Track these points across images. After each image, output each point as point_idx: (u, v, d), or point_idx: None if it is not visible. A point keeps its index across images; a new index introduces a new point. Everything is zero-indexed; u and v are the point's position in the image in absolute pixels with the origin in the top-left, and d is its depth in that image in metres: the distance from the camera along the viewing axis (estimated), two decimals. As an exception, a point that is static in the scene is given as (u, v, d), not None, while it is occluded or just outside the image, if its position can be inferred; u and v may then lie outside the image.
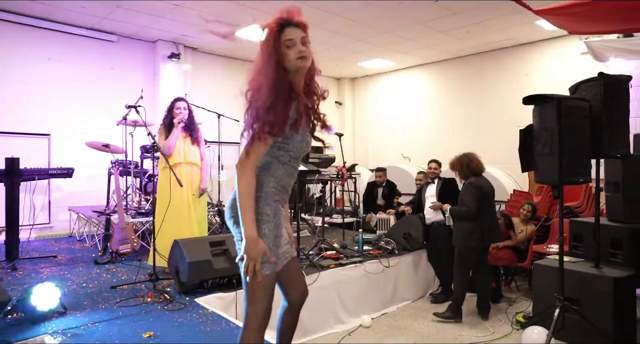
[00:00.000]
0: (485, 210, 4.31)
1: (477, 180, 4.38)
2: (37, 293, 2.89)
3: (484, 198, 4.30)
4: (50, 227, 6.69)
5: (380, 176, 6.52)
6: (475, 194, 4.27)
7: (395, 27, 6.99)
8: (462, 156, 4.48)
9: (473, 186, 4.32)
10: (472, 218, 4.29)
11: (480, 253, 4.42)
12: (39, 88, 6.74)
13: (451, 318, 4.41)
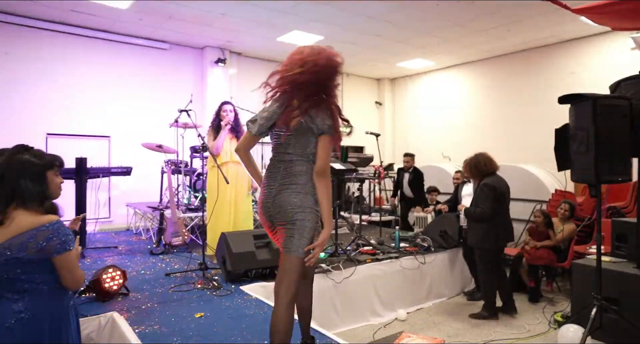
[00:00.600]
0: (500, 210, 4.30)
1: (492, 180, 4.34)
2: (106, 276, 3.29)
3: (499, 198, 4.29)
4: (110, 221, 7.29)
5: (407, 161, 6.63)
6: (490, 195, 4.25)
7: (434, 28, 7.05)
8: (471, 158, 4.48)
9: (487, 187, 4.29)
10: (486, 219, 4.29)
11: (495, 253, 4.44)
12: (100, 94, 7.37)
13: (487, 318, 4.46)
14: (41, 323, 1.72)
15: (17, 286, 1.69)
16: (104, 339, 2.87)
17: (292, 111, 2.08)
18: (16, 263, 1.67)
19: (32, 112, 6.78)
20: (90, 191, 5.40)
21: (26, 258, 1.67)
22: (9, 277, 1.68)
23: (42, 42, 6.87)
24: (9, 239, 1.67)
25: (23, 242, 1.67)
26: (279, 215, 2.04)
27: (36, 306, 1.72)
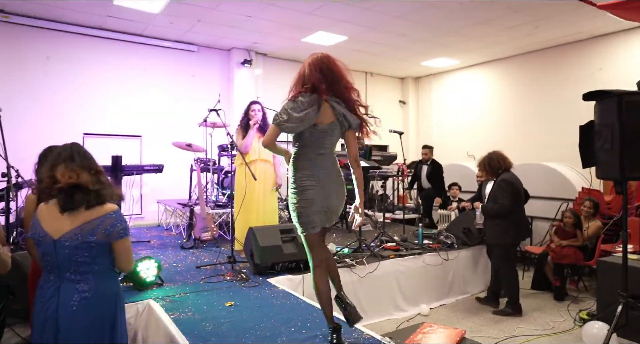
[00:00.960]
0: (517, 206, 4.34)
1: (509, 176, 4.39)
2: (142, 267, 3.49)
3: (516, 194, 4.33)
4: (141, 217, 7.59)
5: (425, 153, 6.64)
6: (508, 190, 4.29)
7: (459, 26, 7.05)
8: (484, 156, 4.54)
9: (506, 182, 4.33)
10: (505, 215, 4.32)
11: (514, 249, 4.50)
12: (132, 95, 7.69)
13: (510, 314, 4.49)
14: (101, 301, 1.93)
15: (82, 268, 1.89)
16: (141, 323, 3.07)
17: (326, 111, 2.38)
18: (86, 247, 1.88)
19: (70, 113, 7.14)
20: (124, 188, 5.67)
21: (94, 242, 1.88)
22: (77, 260, 1.88)
23: (80, 47, 7.23)
24: (80, 225, 1.87)
25: (93, 228, 1.88)
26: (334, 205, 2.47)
27: (97, 286, 1.92)
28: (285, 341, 2.48)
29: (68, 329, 1.85)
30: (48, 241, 1.88)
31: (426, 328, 2.71)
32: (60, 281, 1.89)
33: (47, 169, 1.92)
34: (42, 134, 6.38)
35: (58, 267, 1.89)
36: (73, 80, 7.20)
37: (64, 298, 1.87)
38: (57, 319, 1.85)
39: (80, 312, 1.86)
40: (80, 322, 1.86)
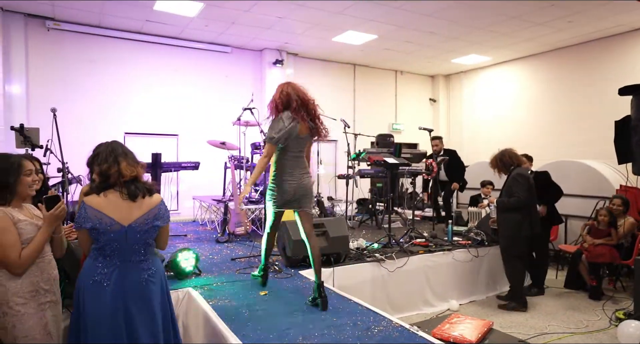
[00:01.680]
0: (532, 200, 4.41)
1: (524, 171, 4.45)
2: (181, 257, 3.70)
3: (531, 188, 4.38)
4: (178, 213, 7.91)
5: (436, 144, 6.43)
6: (525, 184, 4.36)
7: (489, 23, 6.98)
8: (495, 154, 4.61)
9: (521, 176, 4.38)
10: (519, 208, 4.37)
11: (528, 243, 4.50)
12: (170, 96, 8.02)
13: (515, 309, 4.52)
14: (158, 277, 2.20)
15: (146, 250, 2.16)
16: (182, 309, 3.26)
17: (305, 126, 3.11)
18: (154, 230, 2.17)
19: (112, 113, 7.54)
20: (162, 185, 5.95)
21: (158, 225, 2.16)
22: (147, 242, 2.15)
23: (121, 50, 7.62)
24: (149, 211, 2.14)
25: (157, 213, 2.17)
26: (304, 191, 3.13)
27: (155, 264, 2.20)
28: (317, 327, 2.60)
29: (139, 301, 2.09)
30: (117, 229, 2.07)
31: (454, 318, 2.77)
32: (125, 264, 2.10)
33: (110, 164, 2.12)
34: (88, 133, 6.78)
35: (125, 252, 2.09)
36: (115, 82, 7.60)
37: (131, 277, 2.09)
38: (125, 295, 2.06)
39: (148, 286, 2.13)
40: (149, 294, 2.12)
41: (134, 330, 2.06)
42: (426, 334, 2.43)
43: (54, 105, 4.31)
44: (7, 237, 1.98)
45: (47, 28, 7.04)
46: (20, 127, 4.12)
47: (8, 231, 1.99)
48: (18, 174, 2.09)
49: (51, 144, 4.16)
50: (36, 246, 2.05)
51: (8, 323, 1.99)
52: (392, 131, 10.24)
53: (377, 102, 10.30)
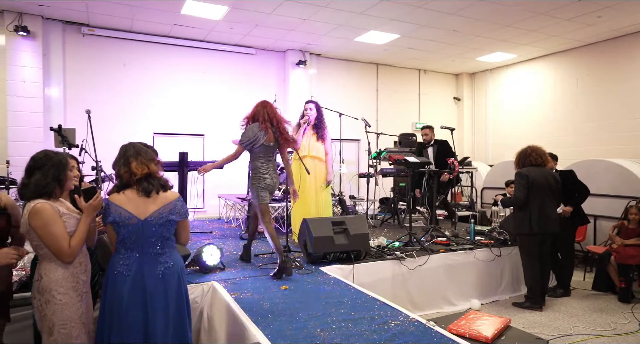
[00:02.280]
0: (533, 198, 4.41)
1: (526, 170, 4.49)
2: (206, 252, 3.84)
3: (531, 187, 4.40)
4: (204, 211, 8.13)
5: (426, 133, 6.25)
6: (521, 183, 4.43)
7: (514, 20, 6.88)
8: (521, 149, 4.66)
9: (519, 175, 4.49)
10: (521, 206, 4.44)
11: (539, 242, 4.47)
12: (196, 97, 8.26)
13: (529, 308, 4.49)
14: (178, 269, 2.32)
15: (164, 243, 2.29)
16: (206, 302, 3.40)
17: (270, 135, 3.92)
18: (170, 224, 2.29)
19: (142, 114, 7.83)
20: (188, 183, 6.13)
21: (173, 219, 2.29)
22: (163, 236, 2.27)
23: (150, 53, 7.90)
24: (162, 206, 2.26)
25: (172, 208, 2.29)
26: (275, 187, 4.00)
27: (173, 257, 2.32)
28: (335, 320, 2.67)
29: (155, 293, 2.22)
30: (135, 222, 2.22)
31: (471, 315, 2.79)
32: (143, 256, 2.24)
33: (121, 166, 2.30)
34: (119, 133, 7.06)
35: (142, 245, 2.23)
36: (144, 84, 7.89)
37: (149, 270, 2.23)
38: (144, 287, 2.20)
39: (165, 279, 2.25)
40: (165, 286, 2.25)
41: (149, 319, 2.20)
42: (442, 329, 2.47)
43: (89, 106, 4.54)
44: (58, 228, 2.12)
45: (82, 34, 7.39)
46: (59, 128, 4.37)
47: (58, 222, 2.13)
48: (65, 169, 2.27)
49: (86, 143, 4.39)
50: (81, 235, 2.21)
51: (49, 311, 2.13)
52: (415, 130, 10.19)
53: (400, 101, 10.28)
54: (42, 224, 2.09)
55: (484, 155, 10.30)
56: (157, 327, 2.21)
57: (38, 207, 2.10)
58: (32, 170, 2.20)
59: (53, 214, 2.13)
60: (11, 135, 6.82)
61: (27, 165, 2.24)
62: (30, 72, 6.92)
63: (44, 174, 2.18)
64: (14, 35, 6.75)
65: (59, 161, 2.25)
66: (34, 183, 2.15)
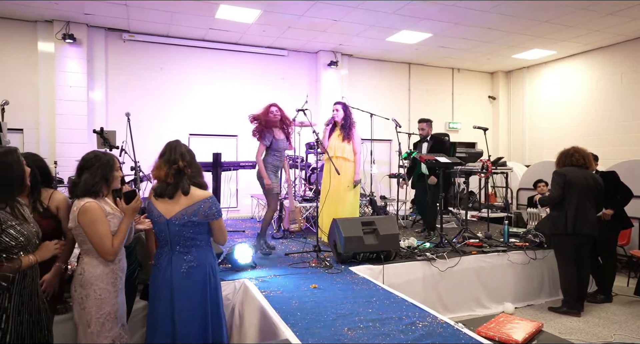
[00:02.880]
0: (570, 198, 4.29)
1: (564, 169, 4.40)
2: (238, 251, 3.95)
3: (568, 186, 4.29)
4: (237, 210, 8.32)
5: (422, 127, 5.84)
6: (557, 181, 4.34)
7: (553, 15, 6.65)
8: (564, 151, 4.57)
9: (556, 174, 4.40)
10: (557, 206, 4.35)
11: (575, 244, 4.34)
12: (229, 99, 8.45)
13: (566, 313, 4.36)
14: (204, 268, 2.39)
15: (188, 243, 2.36)
16: (238, 299, 3.50)
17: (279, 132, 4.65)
18: (191, 225, 2.34)
19: (178, 116, 8.10)
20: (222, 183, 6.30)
21: (196, 221, 2.34)
22: (184, 235, 2.34)
23: (187, 57, 8.17)
24: (186, 207, 2.33)
25: (195, 210, 2.34)
26: None
27: (200, 257, 2.39)
28: (362, 320, 2.70)
29: (180, 290, 2.32)
30: (163, 221, 2.35)
31: (501, 318, 2.74)
32: (172, 253, 2.36)
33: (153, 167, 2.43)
34: (157, 135, 7.33)
35: (170, 242, 2.36)
36: (181, 87, 8.16)
37: (175, 266, 2.34)
38: (172, 283, 2.32)
39: (188, 277, 2.33)
40: (188, 284, 2.33)
41: (174, 311, 2.31)
42: (470, 332, 2.45)
43: (128, 109, 4.75)
44: (103, 228, 2.25)
45: (123, 40, 7.73)
46: (100, 130, 4.60)
47: (103, 222, 2.26)
48: (113, 169, 2.40)
49: (125, 144, 4.61)
50: (122, 234, 2.33)
51: (88, 304, 2.27)
52: (448, 129, 10.03)
53: (433, 101, 10.13)
54: (89, 222, 2.22)
55: (520, 155, 10.00)
56: (181, 320, 2.30)
57: (87, 206, 2.23)
58: (82, 170, 2.35)
59: (100, 213, 2.25)
60: (59, 137, 7.22)
61: (78, 165, 2.39)
62: (76, 77, 7.31)
63: (92, 174, 2.31)
64: (62, 43, 7.15)
65: (107, 161, 2.38)
66: (84, 182, 2.29)
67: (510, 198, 7.48)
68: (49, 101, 7.27)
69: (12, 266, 1.95)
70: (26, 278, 2.03)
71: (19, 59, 7.19)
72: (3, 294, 1.94)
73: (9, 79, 7.07)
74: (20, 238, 1.98)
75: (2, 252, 1.94)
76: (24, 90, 7.16)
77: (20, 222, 2.01)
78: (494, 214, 6.77)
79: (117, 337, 2.37)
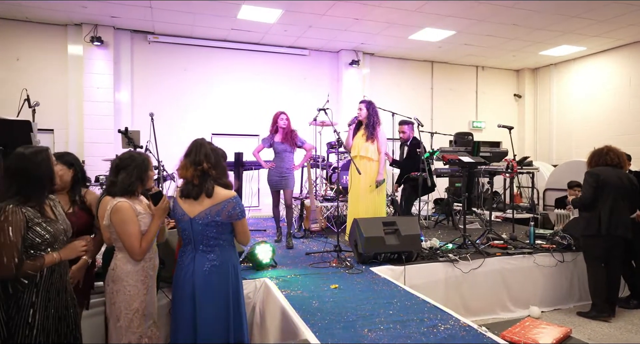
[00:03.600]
0: (603, 199, 4.14)
1: (597, 169, 4.23)
2: (259, 250, 3.97)
3: (602, 187, 4.14)
4: (259, 209, 8.37)
5: (402, 130, 5.69)
6: (590, 181, 4.18)
7: (583, 10, 6.44)
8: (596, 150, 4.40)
9: (589, 174, 4.24)
10: (589, 207, 4.19)
11: (607, 246, 4.18)
12: (250, 98, 8.52)
13: (595, 318, 4.20)
14: (227, 268, 2.40)
15: (211, 242, 2.37)
16: (258, 297, 3.51)
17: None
18: (214, 225, 2.35)
19: (201, 116, 8.22)
20: (244, 182, 6.36)
21: (219, 221, 2.34)
22: (207, 235, 2.36)
23: (209, 58, 8.28)
24: (210, 207, 2.34)
25: (219, 210, 2.34)
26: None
27: (222, 256, 2.40)
28: (383, 321, 2.66)
29: (202, 288, 2.33)
30: (186, 220, 2.37)
31: (527, 322, 2.66)
32: (195, 251, 2.38)
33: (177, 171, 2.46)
34: (180, 134, 7.46)
35: (193, 240, 2.38)
36: (203, 87, 8.27)
37: (198, 264, 2.35)
38: (194, 281, 2.34)
39: (210, 276, 2.34)
40: (210, 283, 2.34)
41: (195, 309, 2.32)
42: (495, 336, 2.38)
43: (152, 109, 4.84)
44: (133, 228, 2.30)
45: (148, 41, 7.89)
46: (125, 130, 4.70)
47: (134, 222, 2.31)
48: (147, 169, 2.46)
49: (149, 144, 4.69)
50: (152, 235, 2.38)
51: (118, 299, 2.32)
52: (472, 128, 9.85)
53: (457, 99, 9.97)
54: (120, 221, 2.28)
55: (547, 154, 9.73)
56: (203, 323, 2.32)
57: (118, 206, 2.29)
58: (117, 170, 2.41)
59: (131, 214, 2.30)
60: (87, 137, 7.43)
61: (113, 164, 2.45)
62: (103, 78, 7.50)
63: (129, 174, 2.37)
64: (89, 45, 7.35)
65: (142, 161, 2.44)
66: (121, 182, 2.35)
67: (537, 199, 7.28)
68: (78, 102, 7.49)
69: (35, 264, 2.00)
70: (54, 274, 2.09)
71: (50, 62, 7.43)
72: (31, 290, 2.00)
73: (41, 81, 7.31)
74: (46, 236, 2.03)
75: (29, 248, 2.00)
76: (54, 91, 7.39)
77: (48, 220, 2.07)
78: (519, 215, 6.59)
79: (146, 333, 2.42)
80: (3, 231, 1.90)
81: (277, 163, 5.17)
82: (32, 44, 7.37)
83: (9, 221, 1.92)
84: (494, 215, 6.37)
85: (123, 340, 2.34)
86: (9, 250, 1.91)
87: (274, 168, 5.17)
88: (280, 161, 5.16)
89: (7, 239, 1.90)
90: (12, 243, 1.92)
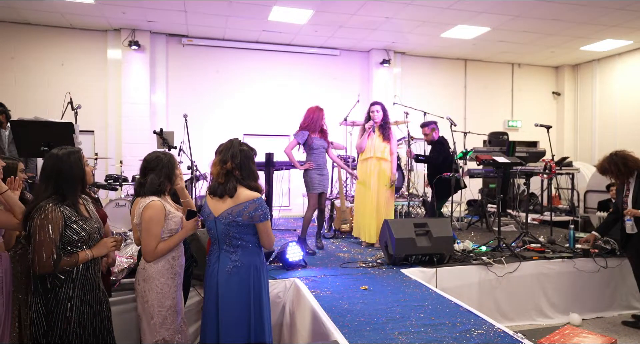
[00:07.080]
0: None
1: None
2: (289, 250, 3.98)
3: None
4: (289, 209, 8.42)
5: (424, 133, 5.58)
6: None
7: (629, 2, 6.11)
8: (612, 156, 3.99)
9: None
10: None
11: None
12: (282, 99, 8.58)
13: (636, 326, 3.98)
14: (248, 269, 2.39)
15: (233, 242, 2.37)
16: (288, 297, 3.53)
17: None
18: (235, 225, 2.34)
19: (233, 116, 8.35)
20: (275, 182, 6.40)
21: (241, 222, 2.33)
22: (229, 235, 2.36)
23: (241, 59, 8.41)
24: (231, 207, 2.34)
25: (240, 210, 2.33)
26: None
27: (245, 257, 2.38)
28: (414, 324, 2.61)
29: (224, 288, 2.35)
30: (212, 219, 2.40)
31: (567, 330, 2.54)
32: (220, 250, 2.40)
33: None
34: (213, 135, 7.60)
35: (218, 239, 2.40)
36: (235, 88, 8.41)
37: (222, 264, 2.37)
38: (217, 280, 2.36)
39: (232, 276, 2.35)
40: (232, 284, 2.35)
41: (218, 308, 2.34)
42: (530, 343, 2.29)
43: (186, 111, 4.95)
44: (156, 229, 2.36)
45: (182, 44, 8.09)
46: (160, 131, 4.83)
47: (159, 223, 2.37)
48: (174, 168, 2.53)
49: (183, 145, 4.80)
50: (172, 244, 2.44)
51: (150, 297, 2.39)
52: (507, 128, 9.55)
53: (491, 98, 9.69)
54: (149, 218, 2.35)
55: (589, 155, 9.30)
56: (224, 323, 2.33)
57: (152, 204, 2.37)
58: (146, 171, 2.49)
59: (160, 215, 2.37)
60: (125, 137, 7.70)
61: (142, 165, 2.53)
62: (139, 81, 7.75)
63: (157, 174, 2.45)
64: (127, 49, 7.62)
65: (169, 161, 2.51)
66: (150, 182, 2.44)
67: (577, 201, 6.97)
68: (116, 104, 7.77)
69: (70, 260, 2.09)
70: (89, 271, 2.17)
71: (91, 66, 7.76)
72: (68, 285, 2.08)
73: (82, 85, 7.62)
74: (82, 233, 2.12)
75: (66, 245, 2.09)
76: (94, 94, 7.70)
77: (83, 219, 2.15)
78: (557, 218, 6.34)
79: (179, 329, 2.49)
80: (43, 228, 1.99)
81: (316, 161, 4.85)
82: (75, 49, 7.71)
83: (49, 219, 2.01)
84: (531, 217, 6.14)
85: (157, 337, 2.40)
86: (48, 247, 2.00)
87: (314, 167, 4.84)
88: (318, 157, 4.88)
89: (47, 236, 1.99)
90: (52, 240, 2.00)
